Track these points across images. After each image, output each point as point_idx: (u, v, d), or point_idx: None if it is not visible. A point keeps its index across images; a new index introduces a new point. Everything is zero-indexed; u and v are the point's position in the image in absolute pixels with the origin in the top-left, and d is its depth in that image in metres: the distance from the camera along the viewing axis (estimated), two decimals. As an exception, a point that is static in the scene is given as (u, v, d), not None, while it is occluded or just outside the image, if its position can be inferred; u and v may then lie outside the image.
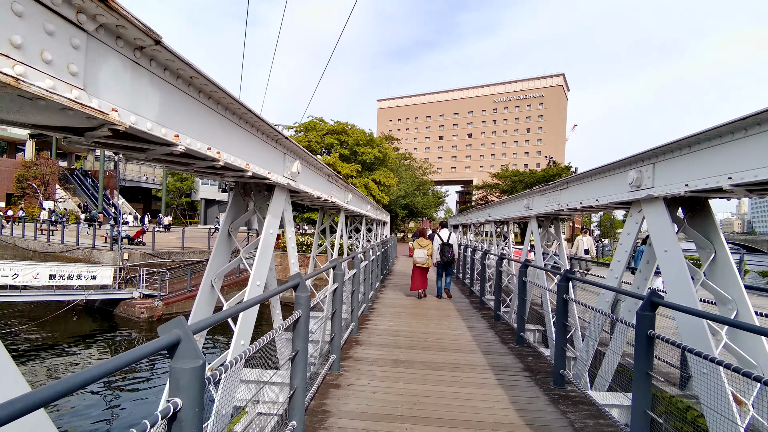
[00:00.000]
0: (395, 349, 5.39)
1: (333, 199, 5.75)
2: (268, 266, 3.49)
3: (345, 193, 6.91)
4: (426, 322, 7.04)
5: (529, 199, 6.81)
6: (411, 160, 45.17)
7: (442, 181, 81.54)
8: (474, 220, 12.66)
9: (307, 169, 4.34)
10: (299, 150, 3.84)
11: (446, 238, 9.46)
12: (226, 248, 3.55)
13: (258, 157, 2.96)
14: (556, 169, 42.61)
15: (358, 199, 8.58)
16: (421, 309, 8.23)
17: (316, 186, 4.81)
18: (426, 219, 47.36)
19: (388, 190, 23.95)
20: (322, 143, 22.21)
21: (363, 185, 21.42)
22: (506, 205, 8.51)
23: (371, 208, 11.43)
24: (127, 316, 17.27)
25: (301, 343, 2.78)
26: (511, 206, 8.11)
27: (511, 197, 7.93)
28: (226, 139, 2.53)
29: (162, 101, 1.88)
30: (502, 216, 8.84)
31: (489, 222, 10.18)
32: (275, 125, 3.12)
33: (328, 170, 5.23)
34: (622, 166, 3.92)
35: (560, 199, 5.54)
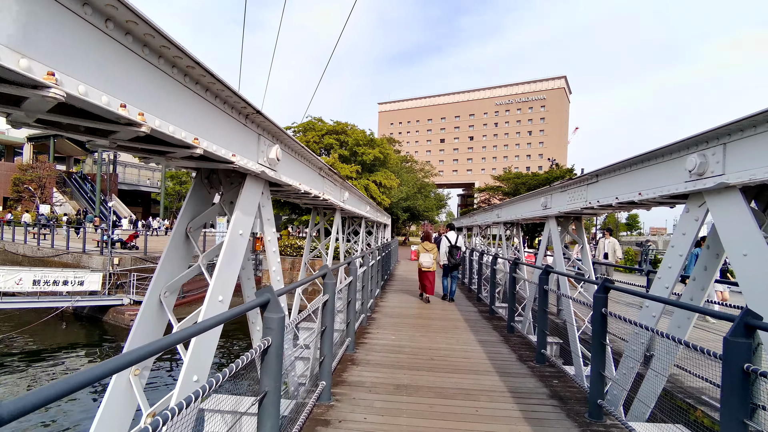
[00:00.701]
0: (397, 371, 4.63)
1: (326, 197, 5.02)
2: (235, 275, 2.75)
3: (341, 191, 6.18)
4: (432, 336, 6.28)
5: (547, 197, 6.07)
6: (412, 163, 44.48)
7: (444, 184, 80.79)
8: (480, 222, 11.91)
9: (290, 158, 3.61)
10: (280, 132, 3.11)
11: (454, 240, 9.34)
12: (181, 253, 2.81)
13: (216, 132, 2.24)
14: (559, 172, 41.88)
15: (356, 198, 7.85)
16: (425, 319, 7.47)
17: (305, 179, 4.08)
18: (428, 222, 46.59)
19: (389, 192, 23.22)
20: (321, 143, 21.52)
21: (363, 187, 20.70)
22: (518, 205, 7.77)
23: (371, 209, 10.70)
24: (116, 324, 16.54)
25: (271, 382, 2.04)
26: (524, 206, 7.37)
27: (525, 195, 7.20)
28: (163, 100, 1.81)
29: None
30: (514, 217, 8.09)
31: (498, 224, 9.44)
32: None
33: (320, 162, 4.50)
34: (676, 150, 3.18)
35: (587, 195, 4.80)
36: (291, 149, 3.57)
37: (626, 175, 3.93)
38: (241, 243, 2.80)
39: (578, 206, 5.00)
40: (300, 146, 3.65)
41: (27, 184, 39.47)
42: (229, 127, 2.41)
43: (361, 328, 6.51)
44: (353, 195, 7.48)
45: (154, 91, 1.76)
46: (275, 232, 3.55)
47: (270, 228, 3.42)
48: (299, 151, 3.77)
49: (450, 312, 8.29)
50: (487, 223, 11.01)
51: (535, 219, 6.99)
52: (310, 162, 4.28)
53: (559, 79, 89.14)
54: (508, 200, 8.64)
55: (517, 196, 7.92)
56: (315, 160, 4.37)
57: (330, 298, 3.65)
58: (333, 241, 6.07)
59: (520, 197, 7.65)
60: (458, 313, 8.17)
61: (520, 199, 7.65)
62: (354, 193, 7.44)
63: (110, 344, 14.57)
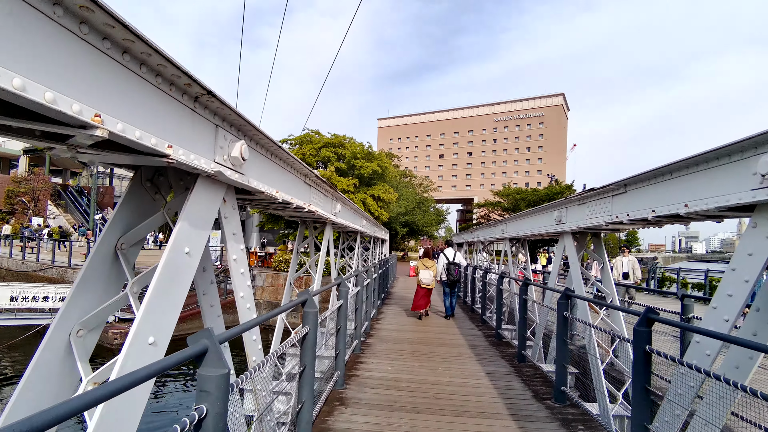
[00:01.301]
0: (394, 414, 3.90)
1: (313, 208, 4.38)
2: (177, 308, 2.09)
3: (332, 203, 5.55)
4: (433, 366, 5.55)
5: (562, 211, 5.45)
6: (411, 177, 44.06)
7: (443, 200, 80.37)
8: (483, 237, 11.26)
9: (263, 159, 2.98)
10: (247, 126, 2.50)
11: (452, 257, 9.30)
12: (104, 278, 2.15)
13: (139, 112, 1.61)
14: (559, 188, 41.47)
15: (350, 211, 7.21)
16: (426, 345, 6.74)
17: (284, 186, 3.45)
18: (427, 237, 45.84)
19: (387, 207, 22.61)
20: (318, 156, 21.01)
21: (360, 201, 20.11)
22: (527, 220, 7.14)
23: (367, 224, 10.05)
24: (99, 343, 15.62)
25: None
26: (533, 220, 6.74)
27: (535, 209, 6.57)
28: (46, 58, 1.20)
29: None
30: (521, 233, 7.45)
31: (503, 239, 8.78)
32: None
33: (304, 167, 3.88)
34: (739, 150, 2.57)
35: (613, 208, 4.17)
36: (264, 148, 2.94)
37: (667, 183, 3.31)
38: (187, 265, 2.15)
39: (601, 221, 4.37)
40: (277, 146, 3.03)
41: (20, 197, 38.89)
42: (165, 109, 1.79)
43: (354, 356, 5.78)
44: (347, 208, 6.84)
45: (34, 39, 1.15)
46: (244, 250, 2.90)
47: (236, 245, 2.77)
48: (276, 152, 3.15)
49: (452, 335, 7.56)
50: (490, 239, 10.35)
51: (547, 235, 6.35)
52: (291, 167, 3.65)
53: (557, 96, 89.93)
54: (514, 215, 8.02)
55: (525, 210, 7.31)
56: (298, 166, 3.74)
57: (311, 332, 2.97)
58: (322, 258, 5.40)
59: (529, 211, 7.02)
60: (461, 338, 7.44)
61: (529, 213, 7.02)
62: (348, 205, 6.80)
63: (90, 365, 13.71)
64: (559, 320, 4.40)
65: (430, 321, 9.00)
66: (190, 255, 2.15)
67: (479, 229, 12.13)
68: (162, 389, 11.01)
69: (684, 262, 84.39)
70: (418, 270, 9.04)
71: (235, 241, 2.78)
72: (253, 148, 2.73)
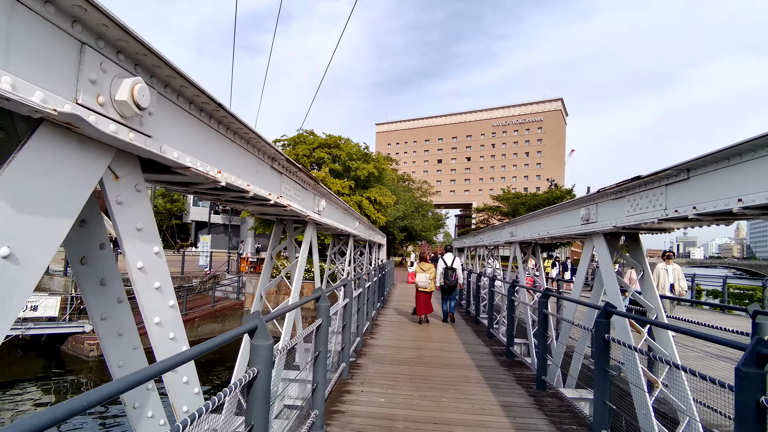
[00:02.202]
0: (386, 473, 2.93)
1: (283, 201, 3.44)
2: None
3: (314, 198, 4.60)
4: (436, 396, 4.57)
5: (590, 208, 4.52)
6: (410, 182, 43.21)
7: (441, 205, 79.60)
8: (488, 241, 10.31)
9: (191, 119, 2.04)
10: (149, 55, 1.57)
11: (450, 262, 9.34)
12: None
13: None
14: (559, 192, 40.68)
15: (338, 210, 6.27)
16: (426, 366, 5.77)
17: (234, 166, 2.50)
18: (426, 242, 44.87)
19: (384, 210, 21.67)
20: (312, 158, 20.10)
21: (356, 203, 19.17)
22: (542, 220, 6.21)
23: (361, 226, 9.11)
24: (75, 354, 14.65)
25: None
26: (551, 220, 5.81)
27: (553, 208, 5.65)
28: None
29: None
30: (534, 235, 6.52)
31: (512, 243, 7.86)
32: None
33: (271, 148, 2.93)
34: None
35: (668, 200, 3.25)
36: (192, 105, 2.00)
37: (762, 161, 2.39)
38: (11, 278, 1.20)
39: (649, 217, 3.44)
40: (218, 105, 2.09)
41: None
42: None
43: (340, 383, 4.80)
44: (335, 206, 5.90)
45: None
46: (159, 254, 1.95)
47: (142, 245, 1.83)
48: (215, 114, 2.19)
49: (456, 352, 6.59)
50: (496, 243, 9.41)
51: (568, 237, 5.42)
52: (248, 143, 2.70)
53: (555, 101, 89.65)
54: (526, 215, 7.09)
55: (540, 210, 6.38)
56: (260, 143, 2.80)
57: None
58: (301, 264, 4.44)
59: (545, 210, 6.10)
60: (467, 355, 6.47)
61: (545, 212, 6.09)
62: (335, 203, 5.86)
63: (63, 379, 12.67)
64: (599, 344, 3.44)
65: (431, 334, 8.03)
66: (12, 260, 1.20)
67: (483, 233, 11.20)
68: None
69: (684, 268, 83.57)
70: (416, 274, 9.22)
71: (142, 239, 1.83)
72: (166, 97, 1.79)
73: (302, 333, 3.09)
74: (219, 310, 18.44)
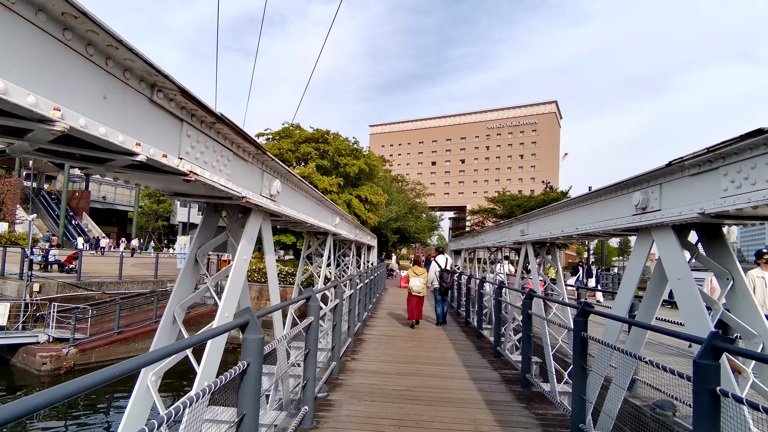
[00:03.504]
0: None
1: (204, 175, 2.07)
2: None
3: (261, 176, 3.23)
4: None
5: (651, 191, 3.19)
6: (403, 183, 41.89)
7: (435, 207, 78.48)
8: (491, 242, 8.97)
9: None
10: None
11: (444, 264, 9.36)
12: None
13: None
14: (555, 194, 39.66)
15: (307, 200, 4.87)
16: (421, 403, 4.38)
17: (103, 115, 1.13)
18: (420, 245, 43.50)
19: (376, 210, 20.28)
20: (297, 152, 18.66)
21: (345, 202, 17.77)
22: (569, 213, 4.87)
23: (343, 223, 7.72)
24: (25, 368, 13.06)
25: None
26: (583, 213, 4.47)
27: (588, 196, 4.30)
28: None
29: None
30: (557, 232, 5.18)
31: (524, 243, 6.53)
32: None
33: (172, 83, 1.56)
34: None
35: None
36: None
37: None
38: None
39: (758, 201, 2.12)
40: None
41: (-17, 199, 35.92)
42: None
43: (319, 403, 3.41)
44: (301, 194, 4.51)
45: None
46: None
47: None
48: None
49: (459, 381, 5.22)
50: (501, 244, 8.07)
51: (612, 233, 4.09)
52: (128, 70, 1.34)
53: (550, 103, 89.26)
54: (542, 209, 5.76)
55: (564, 201, 5.03)
56: (149, 72, 1.43)
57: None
58: (239, 267, 3.04)
59: (572, 201, 4.74)
60: (472, 384, 5.10)
61: (572, 203, 4.74)
62: (302, 189, 4.48)
63: (12, 396, 11.05)
64: (704, 404, 2.08)
65: (425, 353, 6.65)
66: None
67: (485, 232, 9.87)
68: None
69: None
70: (409, 278, 9.01)
71: None
72: None
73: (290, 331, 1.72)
74: (194, 317, 16.82)
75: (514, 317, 6.84)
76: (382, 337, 7.85)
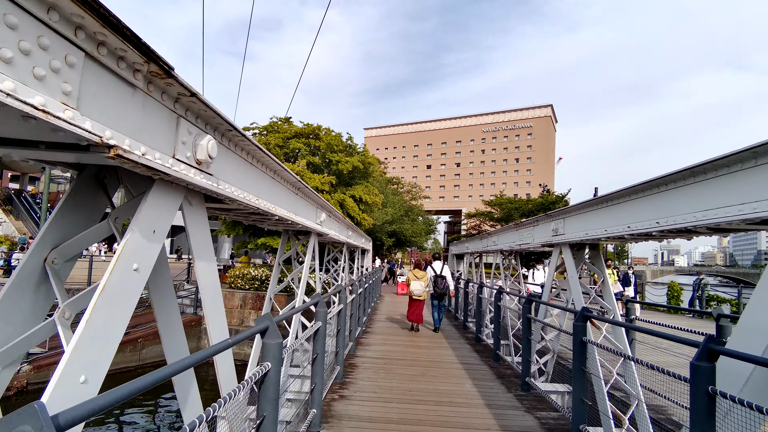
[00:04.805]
0: None
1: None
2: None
3: (177, 127, 1.84)
4: None
5: None
6: (399, 185, 40.52)
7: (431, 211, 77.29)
8: (505, 244, 7.55)
9: None
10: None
11: (439, 270, 9.31)
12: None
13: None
14: (554, 197, 38.54)
15: (278, 185, 3.45)
16: None
17: None
18: (416, 249, 42.04)
19: (370, 211, 18.87)
20: (286, 148, 17.22)
21: (337, 202, 16.35)
22: (642, 203, 3.49)
23: (333, 223, 6.31)
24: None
25: None
26: (664, 201, 3.10)
27: (668, 177, 2.92)
28: None
29: None
30: (613, 230, 3.82)
31: (559, 245, 5.15)
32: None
33: None
34: None
35: None
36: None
37: None
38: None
39: None
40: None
41: (-45, 200, 34.14)
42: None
43: None
44: (261, 171, 3.10)
45: None
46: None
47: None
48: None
49: (476, 419, 3.83)
50: (521, 247, 6.68)
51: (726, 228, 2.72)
52: None
53: (545, 107, 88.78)
54: (588, 201, 4.39)
55: (629, 187, 3.64)
56: None
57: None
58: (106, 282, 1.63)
59: (658, 181, 3.33)
60: (493, 421, 3.71)
61: (655, 186, 3.35)
62: (262, 164, 3.07)
63: None
64: None
65: (433, 386, 5.24)
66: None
67: (498, 234, 8.48)
68: None
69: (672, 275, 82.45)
70: (409, 282, 9.10)
71: None
72: None
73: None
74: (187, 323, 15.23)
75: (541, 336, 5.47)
76: (378, 361, 6.42)
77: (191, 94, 1.86)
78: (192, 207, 2.23)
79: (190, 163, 2.00)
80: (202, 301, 2.40)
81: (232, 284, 16.97)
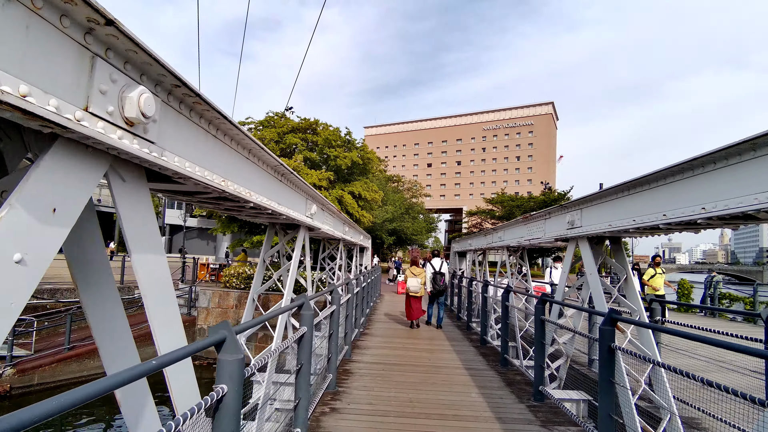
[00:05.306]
0: None
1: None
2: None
3: (92, 68, 1.32)
4: None
5: None
6: (399, 183, 39.98)
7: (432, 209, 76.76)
8: (515, 239, 7.03)
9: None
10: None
11: (438, 267, 9.34)
12: None
13: None
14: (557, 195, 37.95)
15: (251, 165, 2.93)
16: None
17: None
18: (416, 247, 41.55)
19: (370, 208, 18.34)
20: (282, 143, 16.69)
21: (336, 198, 15.83)
22: (677, 187, 2.98)
23: (326, 216, 5.79)
24: (-47, 394, 10.90)
25: None
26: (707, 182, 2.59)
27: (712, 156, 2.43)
28: None
29: None
30: (645, 219, 3.31)
31: (575, 239, 4.63)
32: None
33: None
34: None
35: None
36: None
37: None
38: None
39: None
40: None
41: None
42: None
43: None
44: (225, 144, 2.58)
45: None
46: None
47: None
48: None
49: (480, 428, 3.32)
50: (534, 242, 6.15)
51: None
52: None
53: (546, 105, 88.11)
54: (614, 187, 3.87)
55: (665, 168, 3.12)
56: None
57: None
58: None
59: (695, 161, 2.82)
60: (495, 429, 3.20)
61: (697, 166, 2.83)
62: (226, 135, 2.55)
63: None
64: None
65: (437, 397, 4.73)
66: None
67: (502, 229, 7.95)
68: None
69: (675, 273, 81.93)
70: (407, 279, 9.19)
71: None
72: None
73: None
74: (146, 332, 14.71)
75: (553, 341, 4.95)
76: (375, 366, 5.91)
77: (108, 21, 1.34)
78: (125, 183, 1.71)
79: (115, 121, 1.48)
80: (144, 303, 1.89)
81: (227, 283, 16.47)
